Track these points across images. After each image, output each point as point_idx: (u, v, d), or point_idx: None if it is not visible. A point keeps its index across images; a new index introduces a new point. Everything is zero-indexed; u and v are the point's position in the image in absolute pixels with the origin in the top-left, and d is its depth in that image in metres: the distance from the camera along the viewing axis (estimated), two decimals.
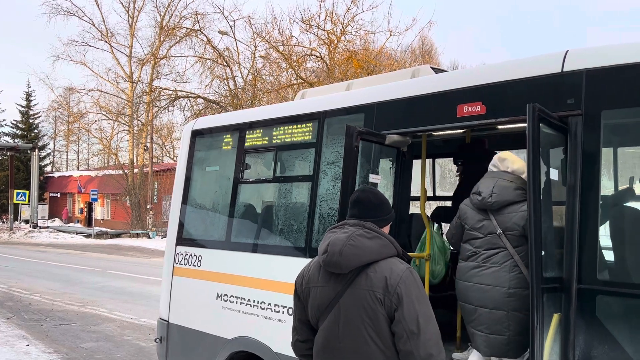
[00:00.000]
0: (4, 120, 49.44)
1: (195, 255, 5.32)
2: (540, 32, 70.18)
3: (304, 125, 4.66)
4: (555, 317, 3.02)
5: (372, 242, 2.56)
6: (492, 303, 3.36)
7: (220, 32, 31.42)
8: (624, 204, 3.24)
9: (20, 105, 48.33)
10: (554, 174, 3.13)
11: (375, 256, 2.55)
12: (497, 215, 3.42)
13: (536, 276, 2.81)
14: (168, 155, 43.32)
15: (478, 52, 65.60)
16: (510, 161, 3.62)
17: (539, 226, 2.84)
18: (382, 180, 4.19)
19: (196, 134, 5.72)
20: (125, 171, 39.26)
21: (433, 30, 48.82)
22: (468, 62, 49.39)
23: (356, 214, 2.67)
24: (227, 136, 5.37)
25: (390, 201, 4.16)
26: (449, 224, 4.05)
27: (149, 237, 33.61)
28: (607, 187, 3.19)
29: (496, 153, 3.81)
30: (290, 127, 4.78)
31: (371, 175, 4.05)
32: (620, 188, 3.53)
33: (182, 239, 5.56)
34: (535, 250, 2.82)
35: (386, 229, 2.71)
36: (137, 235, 34.54)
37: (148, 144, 38.58)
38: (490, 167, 3.71)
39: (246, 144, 5.09)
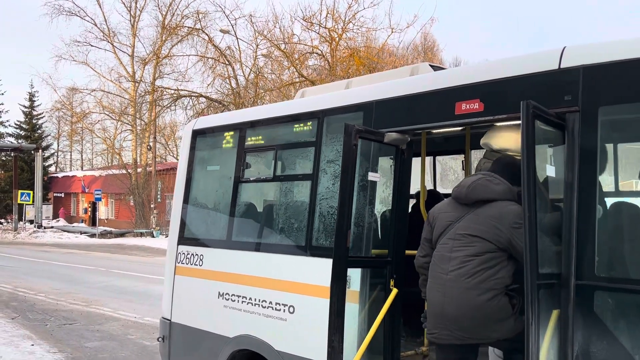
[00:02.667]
0: (7, 120, 49.74)
1: (196, 254, 5.34)
2: (545, 26, 69.95)
3: (303, 124, 4.68)
4: (555, 313, 3.03)
5: (496, 186, 3.34)
6: None
7: (221, 30, 31.44)
8: (622, 200, 3.25)
9: (24, 106, 48.46)
10: (551, 171, 3.13)
11: (497, 195, 3.32)
12: None
13: (531, 272, 2.82)
14: (171, 154, 43.36)
15: (481, 47, 65.48)
16: (496, 140, 3.78)
17: (533, 223, 2.85)
18: (382, 179, 4.20)
19: (197, 134, 5.73)
20: (129, 171, 39.36)
21: (435, 26, 48.59)
22: (471, 58, 49.32)
23: None
24: (228, 135, 5.39)
25: (389, 199, 4.18)
26: None
27: (153, 236, 33.72)
28: (605, 184, 3.19)
29: None
30: (290, 126, 4.79)
31: (370, 174, 4.06)
32: (618, 184, 3.53)
33: (184, 239, 5.58)
34: (530, 247, 2.83)
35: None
36: (141, 235, 34.65)
37: (151, 144, 38.65)
38: (482, 144, 3.94)
39: (246, 143, 5.11)
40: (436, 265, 3.45)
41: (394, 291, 3.90)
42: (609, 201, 3.19)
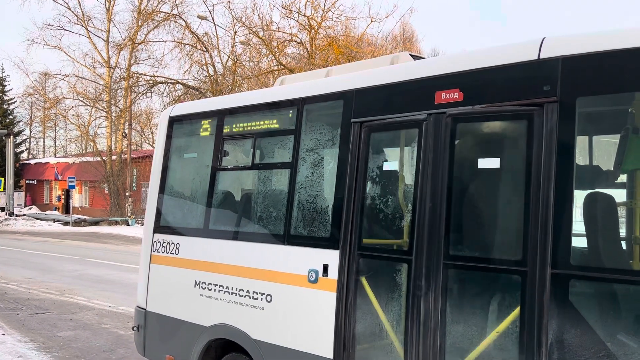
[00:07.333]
0: None
1: (172, 243, 5.28)
2: (521, 16, 70.61)
3: (282, 112, 4.63)
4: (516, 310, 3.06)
5: None
6: None
7: (199, 16, 31.00)
8: (597, 191, 3.29)
9: None
10: (494, 162, 3.18)
11: None
12: None
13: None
14: (147, 141, 42.80)
15: (459, 38, 65.82)
16: None
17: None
18: None
19: (173, 121, 5.64)
20: (104, 158, 38.74)
21: (414, 16, 48.58)
22: (449, 48, 49.53)
23: None
24: (205, 123, 5.31)
25: None
26: None
27: (128, 225, 33.31)
28: (581, 174, 3.23)
29: None
30: (269, 113, 4.74)
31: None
32: (594, 175, 3.57)
33: (160, 227, 5.51)
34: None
35: None
36: (116, 223, 34.20)
37: (126, 131, 38.07)
38: None
39: (224, 131, 5.04)
40: None
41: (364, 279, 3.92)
42: (585, 192, 3.23)
